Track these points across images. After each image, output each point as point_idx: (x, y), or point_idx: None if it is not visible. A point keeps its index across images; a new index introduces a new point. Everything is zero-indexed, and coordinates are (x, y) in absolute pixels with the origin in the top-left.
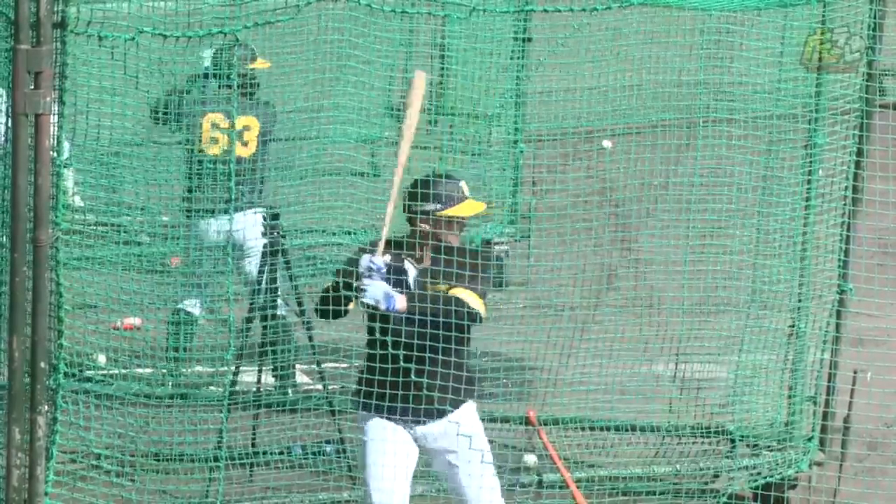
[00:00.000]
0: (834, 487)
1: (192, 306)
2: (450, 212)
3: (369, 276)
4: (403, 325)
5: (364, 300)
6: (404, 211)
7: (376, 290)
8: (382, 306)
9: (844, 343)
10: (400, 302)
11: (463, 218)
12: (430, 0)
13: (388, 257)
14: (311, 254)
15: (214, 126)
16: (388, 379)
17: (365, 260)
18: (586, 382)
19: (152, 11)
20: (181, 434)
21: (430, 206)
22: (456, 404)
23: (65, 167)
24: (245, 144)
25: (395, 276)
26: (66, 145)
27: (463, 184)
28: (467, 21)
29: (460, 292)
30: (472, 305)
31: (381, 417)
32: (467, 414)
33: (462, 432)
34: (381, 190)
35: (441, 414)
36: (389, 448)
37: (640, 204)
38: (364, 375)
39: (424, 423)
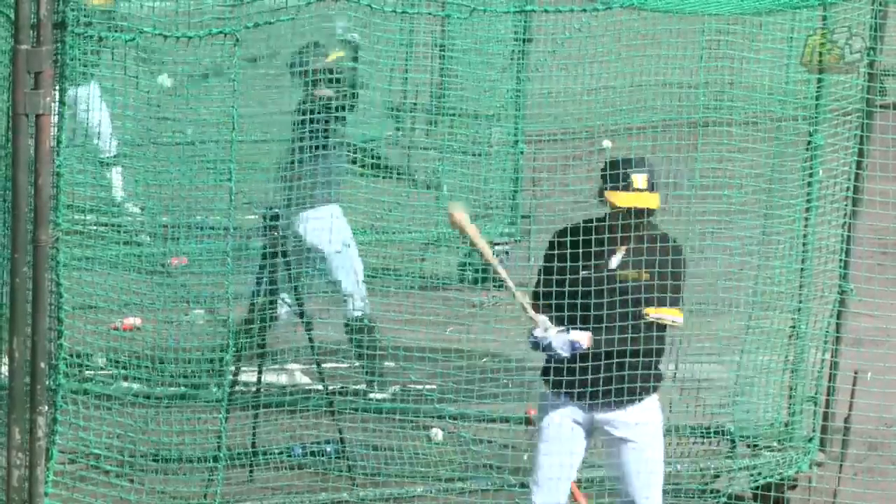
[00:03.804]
0: (834, 488)
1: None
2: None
3: (547, 345)
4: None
5: (556, 357)
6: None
7: (558, 347)
8: (567, 355)
9: (844, 343)
10: (585, 341)
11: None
12: (430, 0)
13: (546, 324)
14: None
15: None
16: (579, 364)
17: (539, 332)
18: None
19: (153, 12)
20: (181, 434)
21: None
22: (642, 396)
23: (112, 164)
24: None
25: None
26: (113, 143)
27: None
28: (467, 21)
29: (659, 312)
30: (668, 322)
31: (559, 402)
32: (647, 409)
33: (639, 428)
34: (381, 190)
35: (627, 403)
36: (565, 445)
37: None
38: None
39: (603, 410)
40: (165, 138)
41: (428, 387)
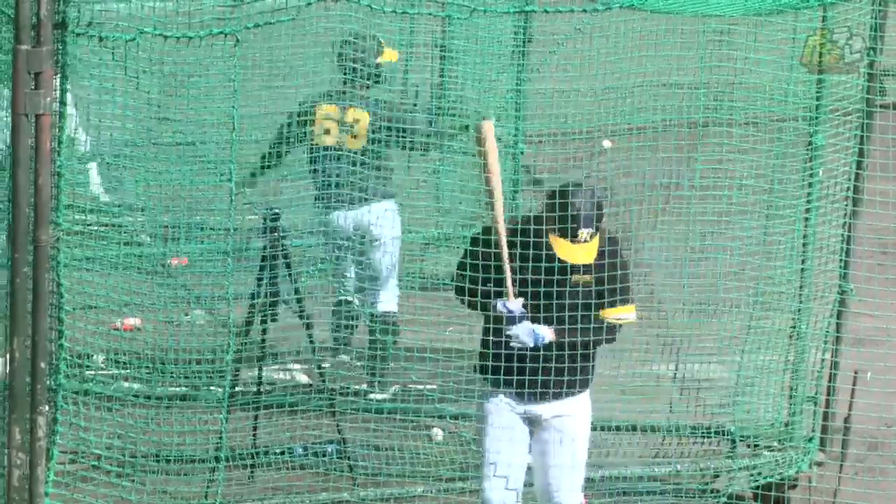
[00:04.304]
0: (834, 487)
1: (352, 297)
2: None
3: (511, 322)
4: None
5: (514, 345)
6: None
7: (522, 334)
8: (531, 344)
9: (844, 343)
10: (549, 334)
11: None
12: (430, 0)
13: (521, 300)
14: (312, 255)
15: (327, 117)
16: (506, 352)
17: (500, 307)
18: None
19: (153, 12)
20: (182, 434)
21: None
22: (574, 389)
23: (85, 161)
24: (354, 137)
25: (545, 251)
26: (83, 138)
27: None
28: (468, 21)
29: (615, 313)
30: (624, 321)
31: (498, 395)
32: (581, 404)
33: (571, 420)
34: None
35: (558, 396)
36: (507, 441)
37: (642, 206)
38: (487, 350)
39: (540, 402)
40: (165, 138)
41: (428, 387)
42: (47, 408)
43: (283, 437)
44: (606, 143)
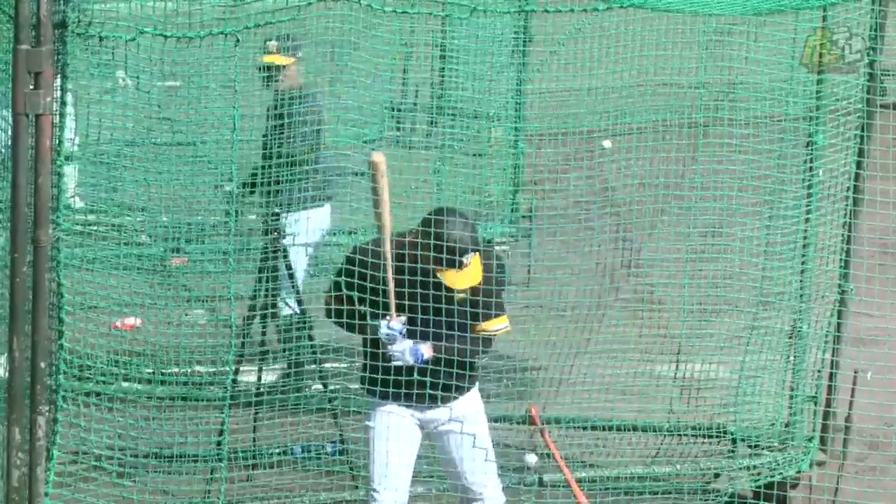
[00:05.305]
0: (835, 487)
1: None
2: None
3: (392, 342)
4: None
5: (395, 364)
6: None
7: (403, 353)
8: (412, 363)
9: (845, 343)
10: (427, 351)
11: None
12: (430, 0)
13: (403, 318)
14: (311, 253)
15: None
16: (393, 365)
17: (383, 328)
18: (587, 382)
19: (153, 11)
20: (182, 434)
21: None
22: (462, 390)
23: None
24: None
25: (423, 277)
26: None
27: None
28: (468, 21)
29: (489, 326)
30: (498, 332)
31: (387, 405)
32: (472, 400)
33: (467, 418)
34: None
35: (447, 400)
36: (394, 445)
37: (643, 205)
38: (369, 362)
39: (430, 408)
40: (165, 138)
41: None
42: (47, 408)
43: (283, 437)
44: (606, 143)
